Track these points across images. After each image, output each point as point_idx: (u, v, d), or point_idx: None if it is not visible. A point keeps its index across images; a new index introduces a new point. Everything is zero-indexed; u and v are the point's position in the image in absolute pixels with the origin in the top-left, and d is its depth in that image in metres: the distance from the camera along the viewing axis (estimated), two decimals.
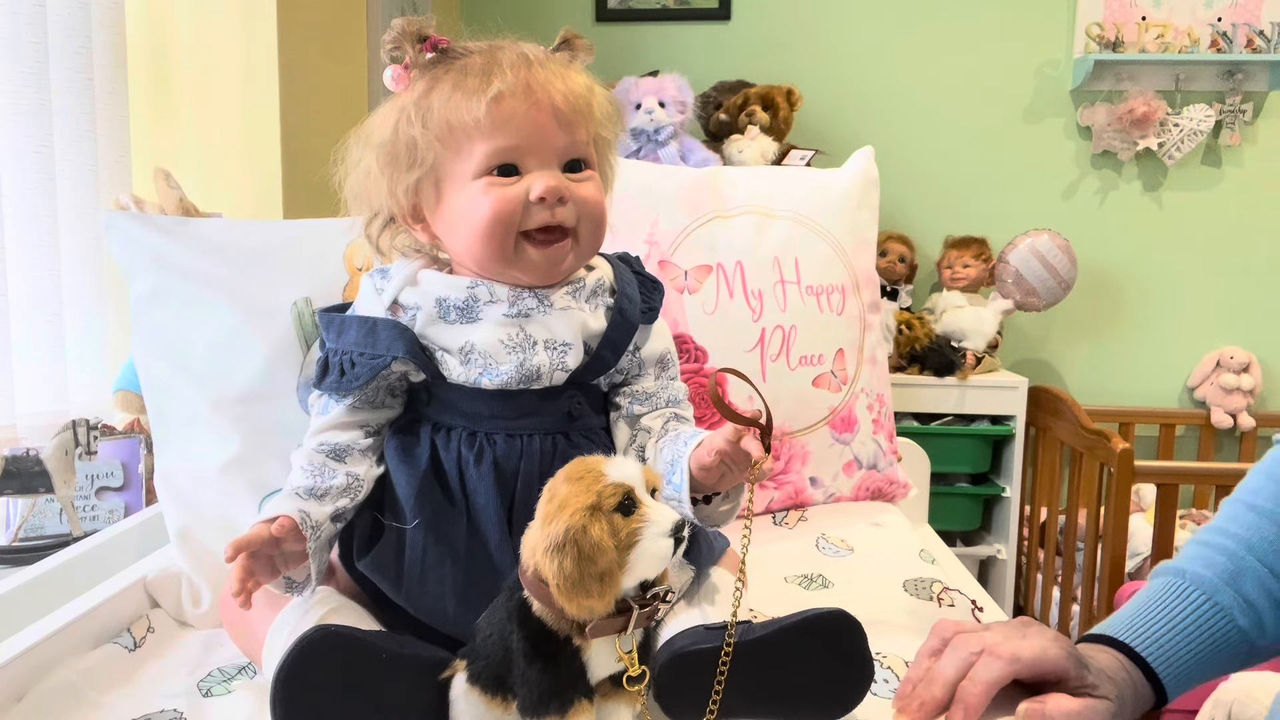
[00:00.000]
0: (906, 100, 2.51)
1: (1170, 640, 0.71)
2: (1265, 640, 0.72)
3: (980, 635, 0.69)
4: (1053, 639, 0.67)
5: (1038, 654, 0.66)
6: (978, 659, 0.66)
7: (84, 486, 1.11)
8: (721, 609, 0.72)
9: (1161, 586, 0.74)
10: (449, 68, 0.73)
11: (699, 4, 2.53)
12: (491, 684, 0.62)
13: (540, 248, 0.73)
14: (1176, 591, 0.73)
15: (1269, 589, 0.72)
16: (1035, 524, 2.25)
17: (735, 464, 0.67)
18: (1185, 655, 0.70)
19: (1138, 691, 0.70)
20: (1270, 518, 0.73)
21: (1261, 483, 0.75)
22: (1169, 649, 0.71)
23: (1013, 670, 0.66)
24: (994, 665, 0.65)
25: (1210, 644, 0.71)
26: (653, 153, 2.03)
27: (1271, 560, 0.72)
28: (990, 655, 0.66)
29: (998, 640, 0.67)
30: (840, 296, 1.24)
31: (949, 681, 0.66)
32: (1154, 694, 0.70)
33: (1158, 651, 0.71)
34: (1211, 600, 0.72)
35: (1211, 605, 0.71)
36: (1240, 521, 0.75)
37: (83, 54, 1.27)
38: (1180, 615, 0.72)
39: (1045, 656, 0.66)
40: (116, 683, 0.78)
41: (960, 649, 0.68)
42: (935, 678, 0.67)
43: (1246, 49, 2.38)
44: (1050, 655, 0.66)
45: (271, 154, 1.56)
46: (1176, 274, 2.52)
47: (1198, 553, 0.75)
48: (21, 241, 1.18)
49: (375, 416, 0.77)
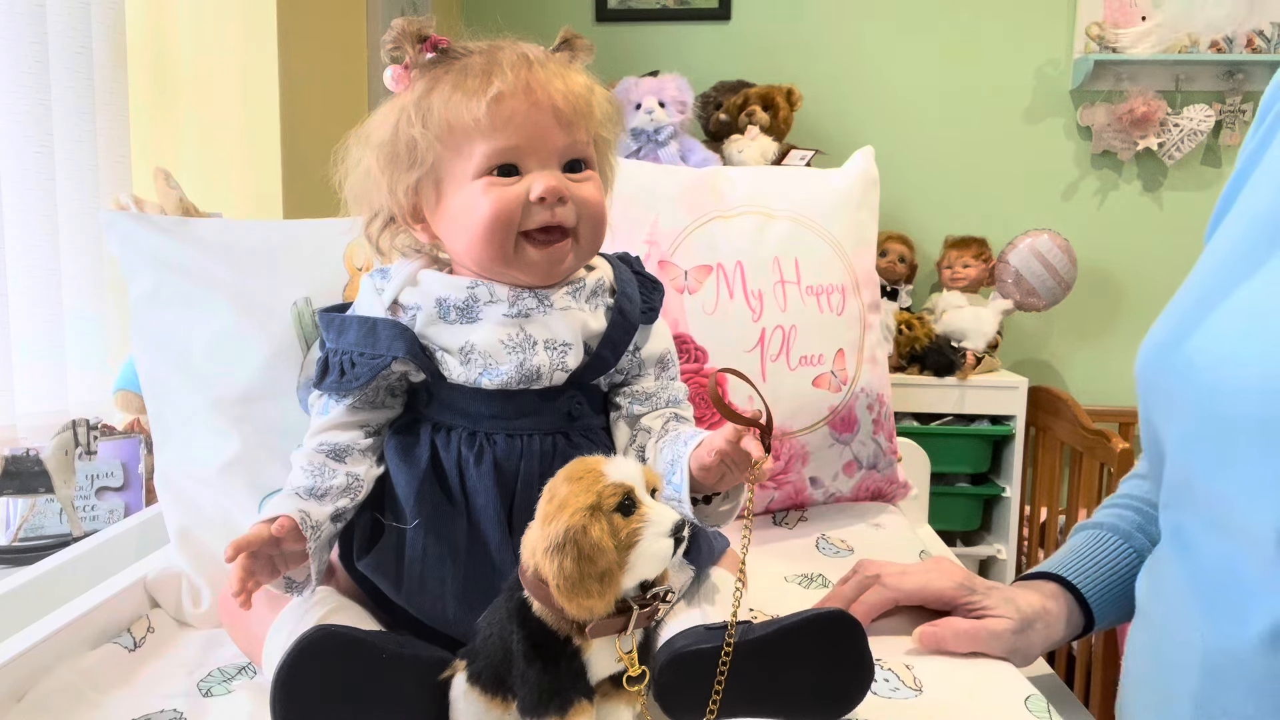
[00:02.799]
0: (906, 100, 2.51)
1: (1097, 574, 0.85)
2: None
3: (879, 565, 0.86)
4: (942, 574, 0.83)
5: (920, 585, 0.83)
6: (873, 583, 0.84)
7: (84, 486, 1.11)
8: (721, 609, 0.72)
9: (1084, 538, 0.89)
10: (449, 68, 0.73)
11: (699, 4, 2.53)
12: (491, 684, 0.62)
13: (540, 248, 0.73)
14: (1097, 540, 0.88)
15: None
16: (1035, 524, 2.25)
17: (735, 464, 0.67)
18: (1110, 586, 0.85)
19: (1070, 615, 0.84)
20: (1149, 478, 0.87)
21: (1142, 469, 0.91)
22: (1096, 580, 0.85)
23: (893, 597, 0.83)
24: (879, 592, 0.83)
25: (1128, 577, 0.83)
26: (653, 153, 2.03)
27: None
28: (878, 585, 0.84)
29: (891, 573, 0.84)
30: (840, 296, 1.24)
31: (845, 600, 0.84)
32: (1084, 619, 0.85)
33: (1087, 583, 0.85)
34: (1127, 543, 0.86)
35: (1127, 547, 0.86)
36: (1133, 485, 0.92)
37: (83, 54, 1.27)
38: (1103, 556, 0.86)
39: (928, 587, 0.83)
40: (116, 683, 0.78)
41: (858, 574, 0.86)
42: (834, 597, 0.85)
43: (1246, 49, 2.38)
44: (933, 586, 0.83)
45: (271, 154, 1.56)
46: (1176, 274, 2.47)
47: (1109, 513, 0.91)
48: (21, 241, 1.18)
49: (375, 416, 0.77)
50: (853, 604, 0.84)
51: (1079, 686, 1.88)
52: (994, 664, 0.80)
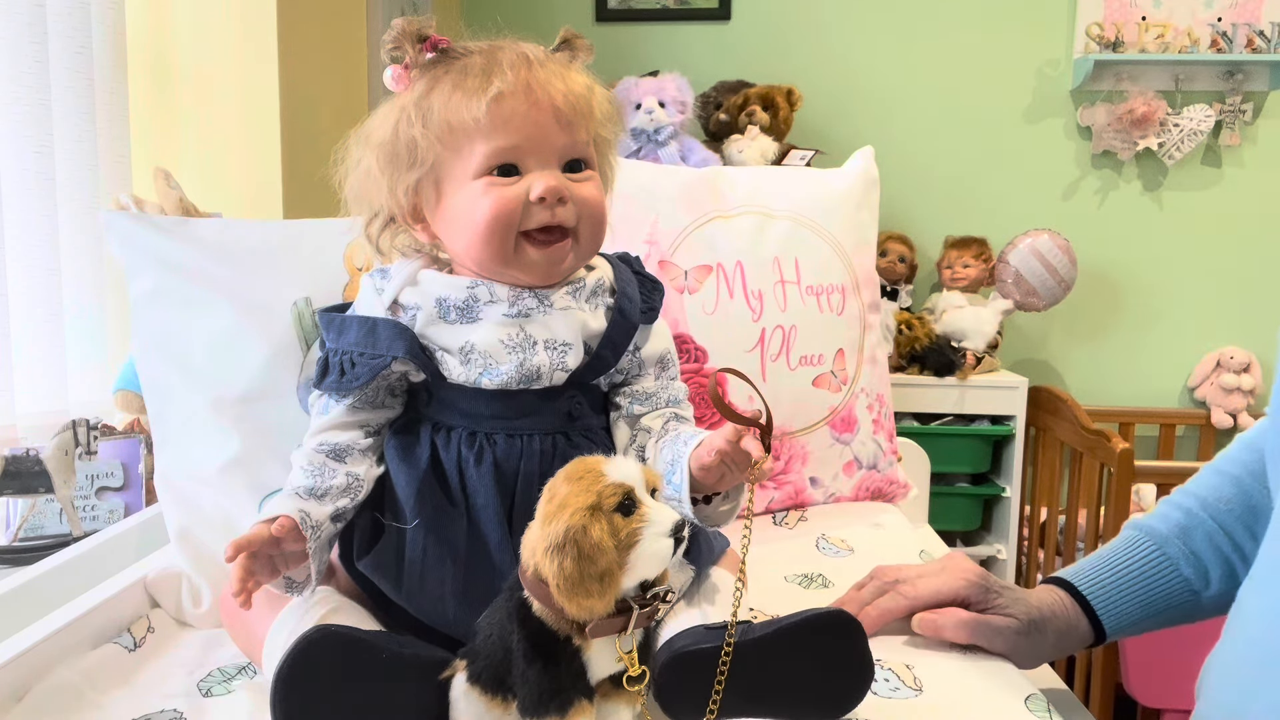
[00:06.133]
0: (906, 100, 2.51)
1: (1114, 583, 0.81)
2: (1209, 593, 0.80)
3: (896, 570, 0.85)
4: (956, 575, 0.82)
5: (934, 591, 0.82)
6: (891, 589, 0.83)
7: (84, 486, 1.11)
8: (721, 609, 0.72)
9: (1122, 539, 0.84)
10: (449, 68, 0.73)
11: (699, 4, 2.53)
12: (491, 684, 0.62)
13: (540, 248, 0.73)
14: (1131, 542, 0.83)
15: (1217, 543, 0.80)
16: (1035, 524, 2.25)
17: (735, 464, 0.67)
18: (1128, 597, 0.81)
19: (1074, 626, 0.81)
20: (1232, 480, 0.81)
21: (1237, 451, 0.84)
22: (1112, 591, 0.81)
23: (909, 605, 0.81)
24: (895, 599, 0.82)
25: (1152, 589, 0.81)
26: (653, 153, 2.03)
27: (1224, 517, 0.81)
28: (895, 591, 0.83)
29: (908, 579, 0.83)
30: (840, 296, 1.24)
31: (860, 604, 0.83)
32: (1093, 632, 0.81)
33: (1100, 593, 0.81)
34: (1160, 550, 0.81)
35: (1160, 554, 0.81)
36: (1204, 483, 0.84)
37: (83, 54, 1.27)
38: (1128, 562, 0.82)
39: (941, 592, 0.81)
40: (116, 683, 0.78)
41: (877, 580, 0.85)
42: (849, 600, 0.85)
43: (1246, 49, 2.38)
44: (946, 590, 0.81)
45: (271, 154, 1.56)
46: (1176, 274, 2.52)
47: (1161, 510, 0.84)
48: (21, 241, 1.18)
49: (375, 416, 0.77)
50: (866, 607, 0.83)
51: (1079, 687, 1.89)
52: (994, 664, 0.80)
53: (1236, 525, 0.80)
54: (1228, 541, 0.80)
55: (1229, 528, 0.80)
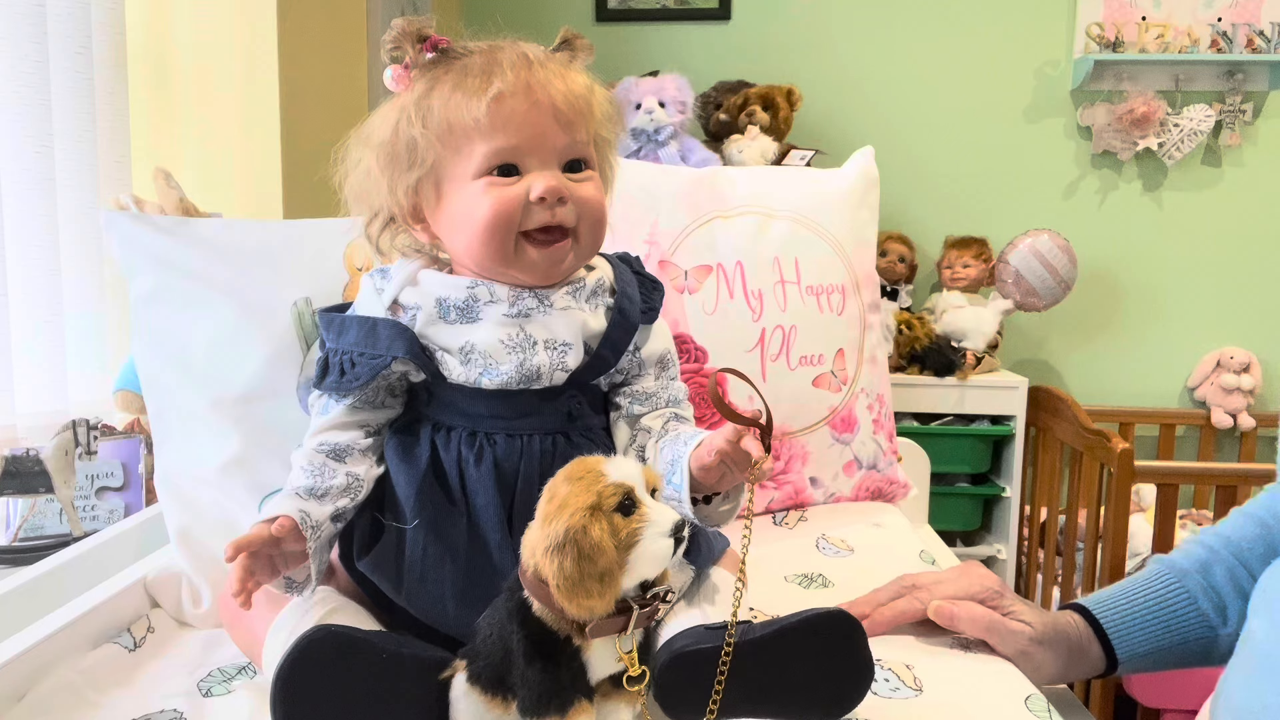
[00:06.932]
0: (906, 100, 2.51)
1: (1130, 610, 0.82)
2: (1226, 630, 0.80)
3: (916, 576, 0.87)
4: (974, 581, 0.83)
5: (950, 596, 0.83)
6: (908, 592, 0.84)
7: (84, 486, 1.11)
8: (721, 609, 0.72)
9: (1145, 572, 0.85)
10: (449, 68, 0.73)
11: (699, 4, 2.53)
12: (491, 684, 0.62)
13: (540, 248, 0.73)
14: (1152, 575, 0.84)
15: (1237, 579, 0.81)
16: (1035, 524, 2.25)
17: (735, 464, 0.67)
18: (1143, 626, 0.81)
19: (1086, 651, 0.82)
20: (1257, 521, 0.83)
21: (1266, 497, 0.84)
22: (1127, 618, 0.82)
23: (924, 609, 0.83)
24: (911, 602, 0.83)
25: (1169, 620, 0.81)
26: (653, 153, 2.03)
27: (1246, 555, 0.81)
28: (912, 595, 0.84)
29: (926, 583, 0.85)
30: (840, 296, 1.24)
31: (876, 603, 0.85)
32: (1105, 659, 0.82)
33: (1115, 618, 0.82)
34: (1180, 584, 0.82)
35: (1179, 588, 0.82)
36: (1230, 524, 0.85)
37: (83, 54, 1.27)
38: (1146, 592, 0.82)
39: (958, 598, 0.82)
40: (116, 683, 0.78)
41: (898, 582, 0.86)
42: (869, 599, 0.86)
43: (1246, 49, 2.38)
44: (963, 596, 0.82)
45: (271, 154, 1.56)
46: (1176, 274, 2.52)
47: (1185, 546, 0.86)
48: (21, 241, 1.18)
49: (375, 416, 0.77)
50: (882, 607, 0.85)
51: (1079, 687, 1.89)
52: (995, 664, 0.80)
53: (1258, 564, 0.81)
54: (1249, 579, 0.81)
55: (1250, 565, 0.81)
